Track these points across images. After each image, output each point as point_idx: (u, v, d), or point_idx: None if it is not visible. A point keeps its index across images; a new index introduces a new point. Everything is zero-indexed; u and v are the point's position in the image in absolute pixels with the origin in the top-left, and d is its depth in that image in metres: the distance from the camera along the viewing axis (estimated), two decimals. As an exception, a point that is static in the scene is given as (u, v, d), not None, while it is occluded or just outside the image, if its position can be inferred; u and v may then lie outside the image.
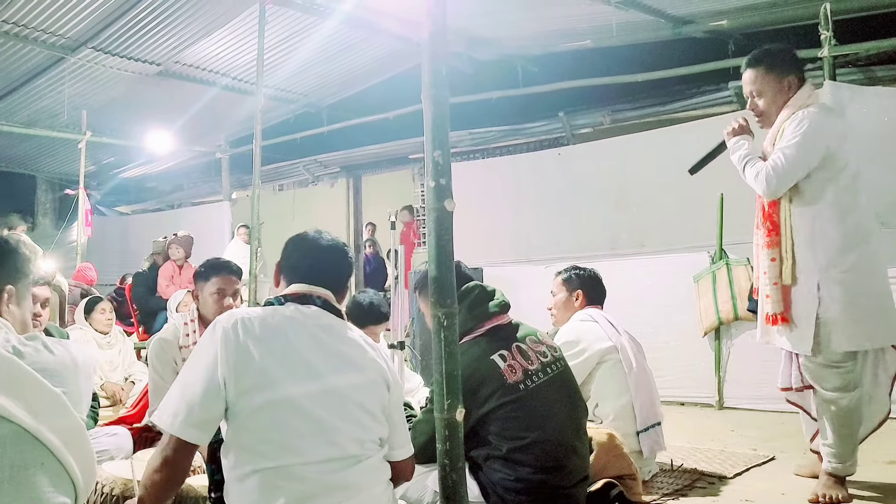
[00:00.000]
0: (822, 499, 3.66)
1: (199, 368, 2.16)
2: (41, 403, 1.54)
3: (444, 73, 2.43)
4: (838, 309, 3.56)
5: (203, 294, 3.98)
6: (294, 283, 2.42)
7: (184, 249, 9.86)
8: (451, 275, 2.39)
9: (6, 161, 14.37)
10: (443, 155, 2.39)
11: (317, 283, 2.41)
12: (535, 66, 10.73)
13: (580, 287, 4.36)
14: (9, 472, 1.45)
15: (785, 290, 3.68)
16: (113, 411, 5.57)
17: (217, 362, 2.13)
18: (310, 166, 14.44)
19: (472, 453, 2.98)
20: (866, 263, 3.63)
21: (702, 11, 8.54)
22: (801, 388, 3.87)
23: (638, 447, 3.96)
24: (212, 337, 2.19)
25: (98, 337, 6.24)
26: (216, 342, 2.16)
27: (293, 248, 2.50)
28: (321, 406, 2.17)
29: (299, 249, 2.49)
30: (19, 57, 9.45)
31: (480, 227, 8.81)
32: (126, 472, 2.87)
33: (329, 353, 2.27)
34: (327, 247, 2.50)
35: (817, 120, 3.59)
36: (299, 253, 2.48)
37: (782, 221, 3.69)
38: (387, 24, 9.25)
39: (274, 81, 10.95)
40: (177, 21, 8.82)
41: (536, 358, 3.11)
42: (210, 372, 2.13)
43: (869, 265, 3.65)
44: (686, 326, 6.60)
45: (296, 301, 2.36)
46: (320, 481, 2.12)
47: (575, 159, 9.04)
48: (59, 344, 1.81)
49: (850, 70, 8.14)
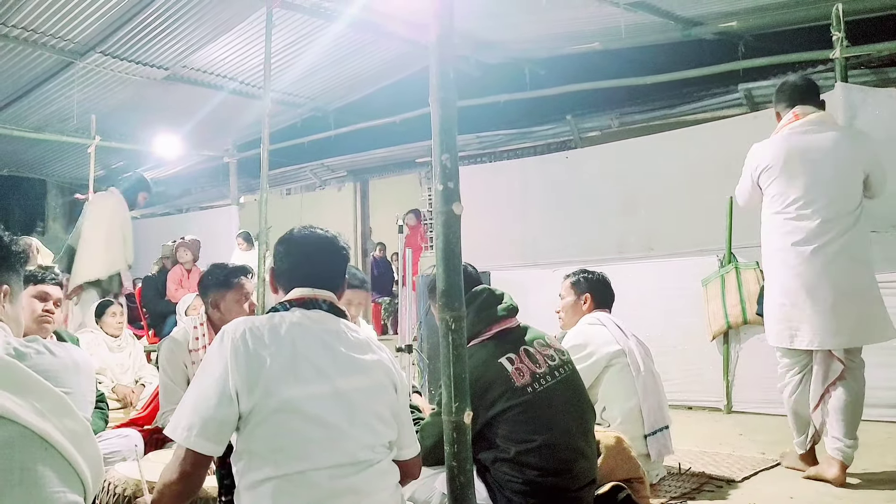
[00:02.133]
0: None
1: (211, 380, 2.15)
2: (46, 405, 1.54)
3: (452, 76, 2.43)
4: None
5: (226, 301, 3.96)
6: (296, 288, 2.40)
7: (192, 253, 9.88)
8: (459, 278, 2.39)
9: (17, 165, 14.45)
10: (450, 158, 2.39)
11: (317, 285, 2.40)
12: (543, 68, 10.73)
13: (588, 290, 4.35)
14: (19, 475, 1.45)
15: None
16: (123, 413, 5.58)
17: (227, 373, 2.13)
18: (317, 170, 14.46)
19: (480, 456, 2.98)
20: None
21: (711, 13, 8.52)
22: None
23: (646, 450, 3.96)
24: (220, 347, 2.19)
25: (109, 340, 6.25)
26: (225, 353, 2.16)
27: (285, 251, 2.47)
28: (332, 412, 2.17)
29: (291, 253, 2.46)
30: (29, 62, 9.50)
31: (488, 230, 8.81)
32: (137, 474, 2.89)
33: (338, 357, 2.27)
34: (319, 245, 2.47)
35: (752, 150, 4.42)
36: (292, 257, 2.45)
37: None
38: (394, 28, 9.26)
39: (281, 85, 10.98)
40: (184, 25, 8.86)
41: (544, 361, 3.11)
42: (221, 383, 2.13)
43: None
44: (694, 330, 6.59)
45: (301, 306, 2.35)
46: (330, 486, 2.12)
47: (583, 163, 9.03)
48: (59, 346, 1.82)
49: (862, 71, 8.11)
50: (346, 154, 13.59)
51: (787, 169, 4.15)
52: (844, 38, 6.62)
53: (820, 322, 4.06)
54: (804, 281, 4.11)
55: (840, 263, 4.07)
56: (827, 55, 6.90)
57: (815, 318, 4.08)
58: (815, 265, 4.08)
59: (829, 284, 4.06)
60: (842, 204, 4.08)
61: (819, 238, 4.07)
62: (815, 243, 4.07)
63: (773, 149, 4.22)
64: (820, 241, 4.07)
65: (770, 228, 4.27)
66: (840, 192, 4.10)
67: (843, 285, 4.07)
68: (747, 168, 4.35)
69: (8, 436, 1.46)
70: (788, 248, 4.15)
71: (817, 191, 4.09)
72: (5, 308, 1.87)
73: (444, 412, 2.38)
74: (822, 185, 4.09)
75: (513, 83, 10.78)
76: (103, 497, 2.90)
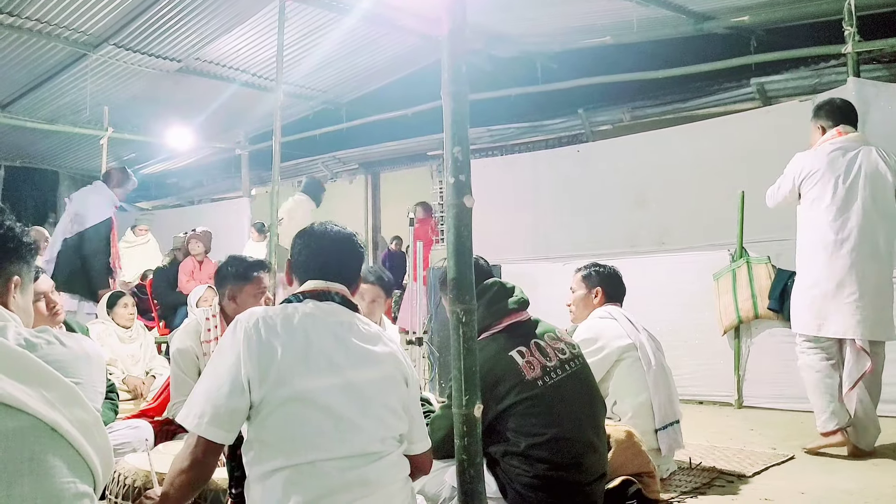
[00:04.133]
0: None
1: (223, 368, 2.17)
2: (56, 395, 1.54)
3: (464, 69, 2.42)
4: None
5: (243, 294, 3.99)
6: (309, 280, 2.43)
7: (203, 245, 9.91)
8: (470, 271, 2.39)
9: (30, 157, 14.50)
10: (462, 151, 2.39)
11: (331, 278, 2.42)
12: (555, 62, 10.71)
13: (599, 284, 4.35)
14: (28, 465, 1.45)
15: None
16: (134, 405, 5.61)
17: (240, 362, 2.14)
18: (328, 163, 14.47)
19: (490, 449, 2.98)
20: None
21: (723, 7, 8.48)
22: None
23: (656, 445, 3.95)
24: (233, 337, 2.20)
25: (120, 331, 6.29)
26: (238, 342, 2.17)
27: (303, 244, 2.49)
28: (343, 403, 2.18)
29: (309, 246, 2.48)
30: (42, 53, 9.53)
31: (499, 223, 8.78)
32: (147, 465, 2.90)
33: (350, 350, 2.28)
34: (336, 239, 2.49)
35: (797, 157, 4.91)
36: (310, 249, 2.47)
37: None
38: (406, 21, 9.26)
39: (293, 78, 10.99)
40: (197, 18, 8.88)
41: (555, 355, 3.11)
42: (234, 372, 2.14)
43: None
44: (705, 324, 6.57)
45: (314, 298, 2.37)
46: (341, 477, 2.13)
47: (594, 156, 8.99)
48: (70, 336, 1.82)
49: (874, 66, 8.07)
50: (357, 147, 13.61)
51: (828, 177, 4.70)
52: (856, 33, 6.58)
53: (848, 312, 4.58)
54: (834, 275, 4.64)
55: (866, 263, 4.61)
56: (839, 50, 6.86)
57: (842, 308, 4.61)
58: (845, 262, 4.62)
59: (855, 280, 4.59)
60: (872, 211, 4.62)
61: (851, 239, 4.62)
62: (847, 243, 4.63)
63: (817, 158, 4.78)
64: (852, 242, 4.62)
65: (807, 226, 4.82)
66: (872, 200, 4.63)
67: (867, 282, 4.59)
68: (791, 173, 4.87)
69: (18, 426, 1.46)
70: (822, 246, 4.70)
71: (852, 197, 4.65)
72: (15, 299, 1.88)
73: (455, 405, 2.38)
74: (857, 192, 4.64)
75: (524, 77, 10.76)
76: (113, 488, 2.91)
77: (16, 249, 1.90)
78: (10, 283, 1.87)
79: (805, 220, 4.85)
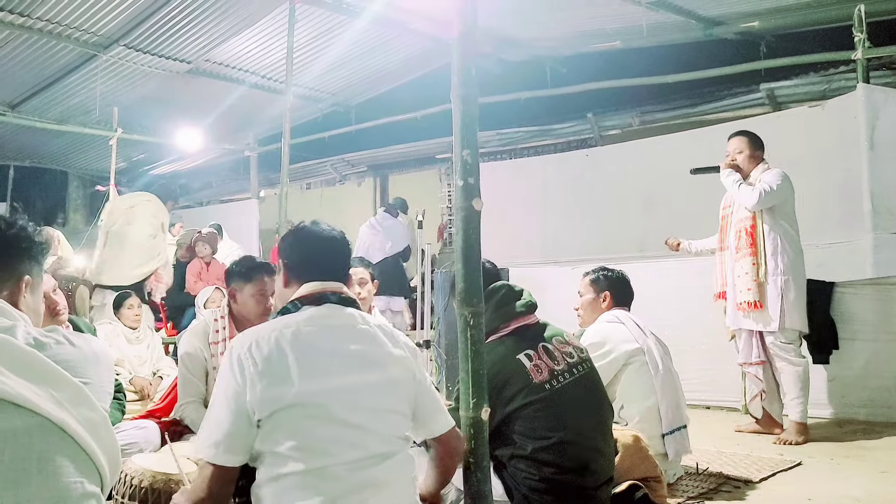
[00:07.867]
0: (793, 442, 5.06)
1: (223, 398, 2.19)
2: (65, 395, 1.55)
3: (474, 73, 2.43)
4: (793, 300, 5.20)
5: (243, 294, 3.99)
6: (305, 283, 2.42)
7: (209, 247, 9.92)
8: (479, 274, 2.39)
9: (39, 157, 14.54)
10: (471, 154, 2.39)
11: (327, 277, 2.43)
12: (564, 66, 10.70)
13: (608, 288, 4.34)
14: (37, 465, 1.46)
15: (760, 286, 5.26)
16: (141, 405, 5.62)
17: (240, 392, 2.16)
18: (337, 165, 14.47)
19: (497, 452, 2.98)
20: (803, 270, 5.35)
21: (733, 13, 8.48)
22: (759, 362, 5.32)
23: (663, 450, 3.94)
24: (230, 366, 2.21)
25: (127, 332, 6.30)
26: (235, 372, 2.19)
27: (297, 245, 2.51)
28: (346, 409, 2.19)
29: (303, 246, 2.49)
30: (53, 54, 9.57)
31: (508, 227, 8.79)
32: (154, 465, 2.90)
33: (349, 354, 2.28)
34: (329, 238, 2.50)
35: (785, 176, 5.29)
36: (304, 250, 2.48)
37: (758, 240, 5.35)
38: (416, 24, 9.26)
39: (303, 80, 11.01)
40: (207, 19, 8.90)
41: (563, 358, 3.11)
42: (237, 402, 2.16)
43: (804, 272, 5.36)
44: (713, 329, 6.54)
45: (311, 303, 2.37)
46: (351, 479, 2.14)
47: (603, 160, 8.99)
48: (79, 336, 1.82)
49: (883, 73, 8.04)
50: (366, 149, 13.61)
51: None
52: (866, 39, 6.57)
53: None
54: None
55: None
56: (849, 56, 6.85)
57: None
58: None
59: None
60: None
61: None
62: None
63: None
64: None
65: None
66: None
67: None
68: (785, 190, 5.24)
69: (26, 425, 1.47)
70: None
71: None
72: (26, 298, 1.89)
73: (462, 408, 2.38)
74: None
75: (534, 80, 10.75)
76: (120, 488, 2.91)
77: (28, 249, 1.91)
78: (21, 282, 1.88)
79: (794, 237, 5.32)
